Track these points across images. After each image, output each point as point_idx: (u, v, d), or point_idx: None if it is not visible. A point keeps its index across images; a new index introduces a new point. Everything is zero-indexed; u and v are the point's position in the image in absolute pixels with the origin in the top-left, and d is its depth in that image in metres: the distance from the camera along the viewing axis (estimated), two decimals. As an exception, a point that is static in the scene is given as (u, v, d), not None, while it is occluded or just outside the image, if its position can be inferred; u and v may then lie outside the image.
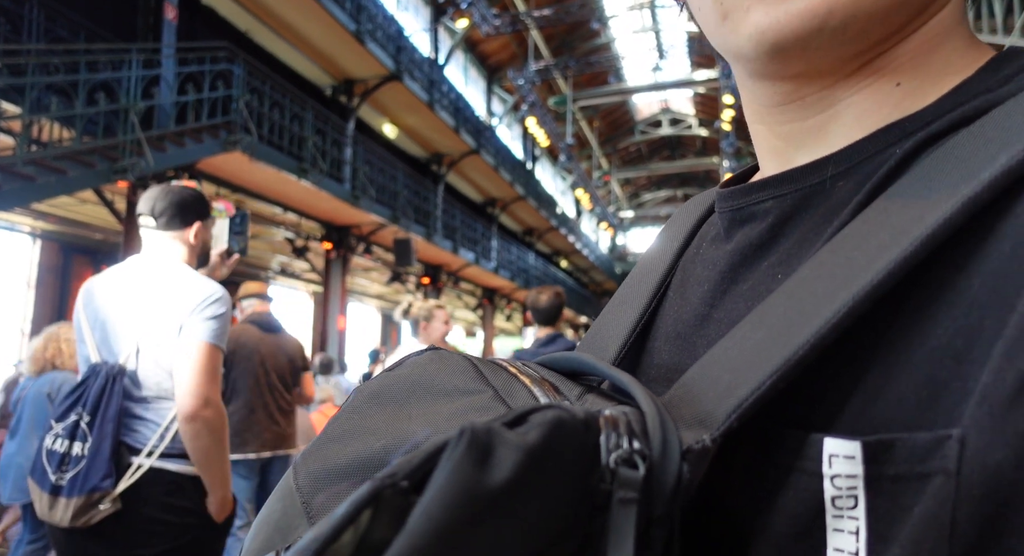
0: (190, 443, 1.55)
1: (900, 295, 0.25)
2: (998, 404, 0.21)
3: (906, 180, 0.27)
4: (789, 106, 0.33)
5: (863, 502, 0.24)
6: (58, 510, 1.48)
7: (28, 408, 3.25)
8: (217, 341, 1.58)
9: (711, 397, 0.27)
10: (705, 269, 0.37)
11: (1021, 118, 0.25)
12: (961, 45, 0.31)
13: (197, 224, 1.75)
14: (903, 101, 0.31)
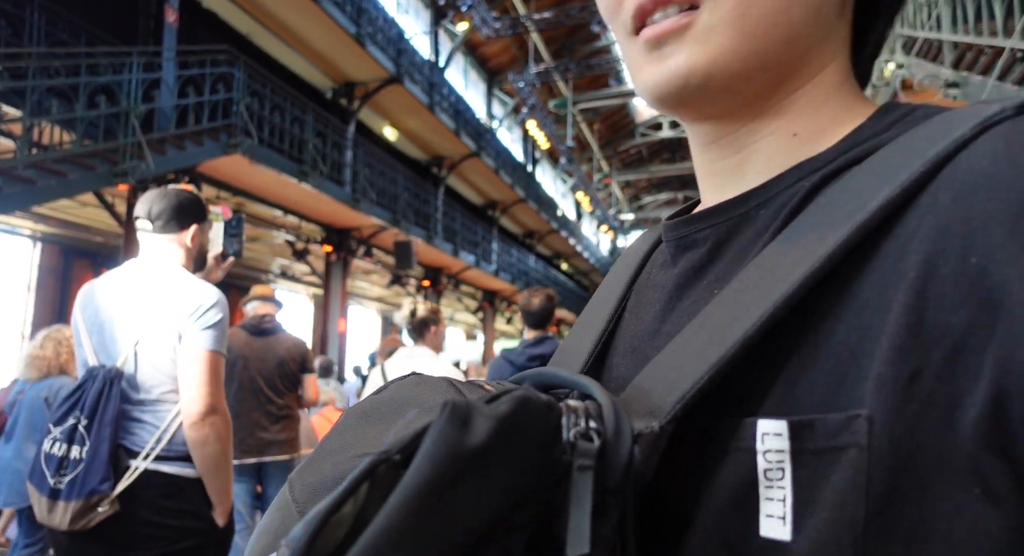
0: (197, 450, 1.56)
1: (810, 301, 0.30)
2: (897, 389, 0.26)
3: (813, 208, 0.33)
4: (711, 146, 0.41)
5: (789, 472, 0.28)
6: (57, 514, 1.47)
7: (25, 412, 3.24)
8: (218, 347, 1.59)
9: (659, 393, 0.31)
10: (655, 292, 0.43)
11: (898, 157, 0.31)
12: (846, 102, 0.38)
13: (194, 227, 1.75)
14: (802, 147, 0.37)
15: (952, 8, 4.24)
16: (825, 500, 0.27)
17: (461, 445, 0.24)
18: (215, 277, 1.92)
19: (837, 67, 0.38)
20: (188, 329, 1.58)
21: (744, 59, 0.35)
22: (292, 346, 3.53)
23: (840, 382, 0.28)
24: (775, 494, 0.28)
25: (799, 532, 0.27)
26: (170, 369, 1.59)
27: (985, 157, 0.27)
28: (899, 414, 0.26)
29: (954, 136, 0.29)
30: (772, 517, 0.28)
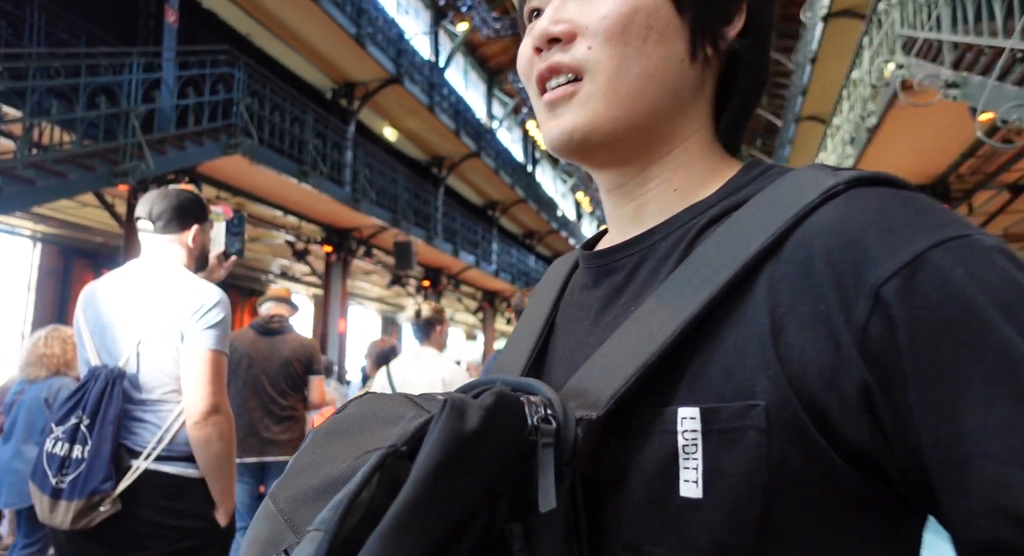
0: (200, 449, 1.56)
1: (709, 317, 0.40)
2: (783, 386, 0.36)
3: (705, 245, 0.42)
4: (613, 194, 0.52)
5: (701, 447, 0.38)
6: (59, 513, 1.47)
7: (24, 412, 3.23)
8: (220, 347, 1.60)
9: (594, 391, 0.41)
10: (582, 310, 0.52)
11: (765, 211, 0.41)
12: (712, 164, 0.49)
13: (195, 227, 1.75)
14: (683, 198, 0.48)
15: (952, 8, 4.24)
16: (732, 468, 0.36)
17: (461, 430, 0.32)
18: (217, 276, 1.91)
19: (702, 136, 0.49)
20: (190, 329, 1.58)
21: (614, 122, 0.46)
22: (298, 347, 3.50)
23: (731, 376, 0.38)
24: (690, 464, 0.38)
25: (709, 493, 0.37)
26: (172, 369, 1.59)
27: (827, 219, 0.38)
28: (787, 405, 0.36)
29: (806, 201, 0.39)
30: (688, 482, 0.38)
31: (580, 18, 0.46)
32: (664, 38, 0.45)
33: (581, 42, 0.46)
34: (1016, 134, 4.85)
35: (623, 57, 0.45)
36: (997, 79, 3.70)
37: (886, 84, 5.31)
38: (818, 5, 9.62)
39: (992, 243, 0.35)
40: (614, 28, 0.44)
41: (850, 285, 0.35)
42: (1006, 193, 6.92)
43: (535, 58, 0.48)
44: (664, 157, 0.48)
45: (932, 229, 0.35)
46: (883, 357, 0.34)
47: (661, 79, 0.45)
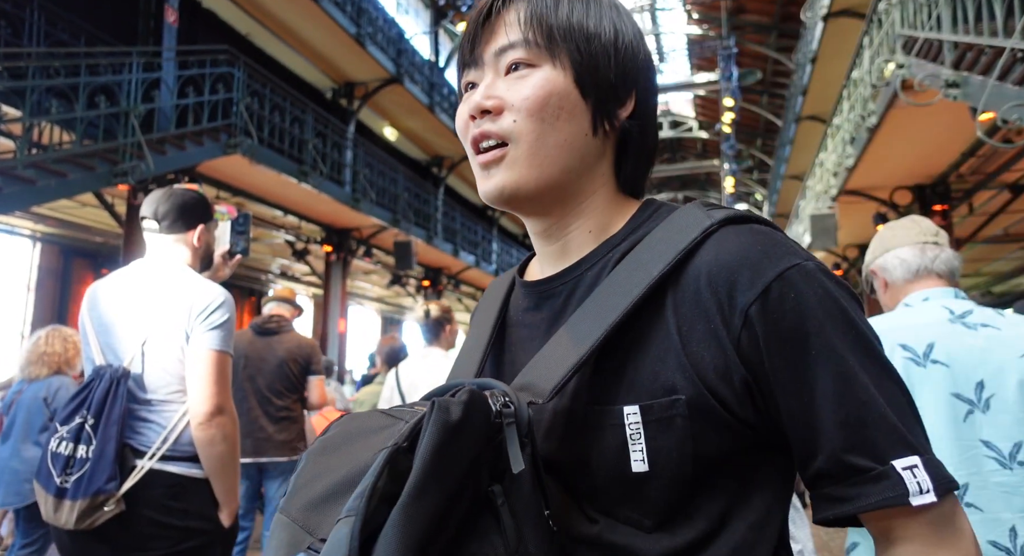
0: (205, 450, 1.56)
1: (631, 329, 0.54)
2: (696, 382, 0.51)
3: (617, 272, 0.57)
4: (540, 236, 0.65)
5: (643, 434, 0.52)
6: (63, 512, 1.47)
7: (23, 412, 3.22)
8: (224, 347, 1.60)
9: (539, 384, 0.54)
10: (528, 329, 0.64)
11: (661, 245, 0.55)
12: (617, 208, 0.63)
13: (200, 227, 1.76)
14: (597, 238, 0.62)
15: (952, 8, 4.23)
16: (667, 446, 0.51)
17: (449, 421, 0.43)
18: (222, 275, 1.92)
19: (607, 189, 0.63)
20: (195, 329, 1.58)
21: (536, 181, 0.58)
22: (295, 347, 3.46)
23: (657, 378, 0.52)
24: (637, 447, 0.52)
25: (653, 466, 0.51)
26: (177, 369, 1.59)
27: (707, 257, 0.53)
28: (699, 396, 0.51)
29: (690, 238, 0.54)
30: (636, 460, 0.52)
31: (507, 96, 0.58)
32: (572, 117, 0.58)
33: (507, 115, 0.58)
34: (1016, 134, 4.85)
35: (541, 130, 0.57)
36: (997, 79, 3.70)
37: (886, 84, 5.31)
38: (818, 5, 9.61)
39: (813, 267, 0.52)
40: (533, 107, 0.57)
41: (727, 308, 0.51)
42: (1006, 193, 6.92)
43: (470, 123, 0.60)
44: (578, 207, 0.62)
45: (776, 261, 0.51)
46: (752, 360, 0.51)
47: (570, 148, 0.59)
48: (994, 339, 1.27)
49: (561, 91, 0.58)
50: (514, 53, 0.59)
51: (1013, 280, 12.88)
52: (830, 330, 0.50)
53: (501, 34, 0.60)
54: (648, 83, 0.63)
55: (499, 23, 0.60)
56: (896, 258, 1.46)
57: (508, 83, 0.59)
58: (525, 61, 0.59)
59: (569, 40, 0.58)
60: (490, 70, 0.60)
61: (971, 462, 1.21)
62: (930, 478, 0.48)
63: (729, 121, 15.00)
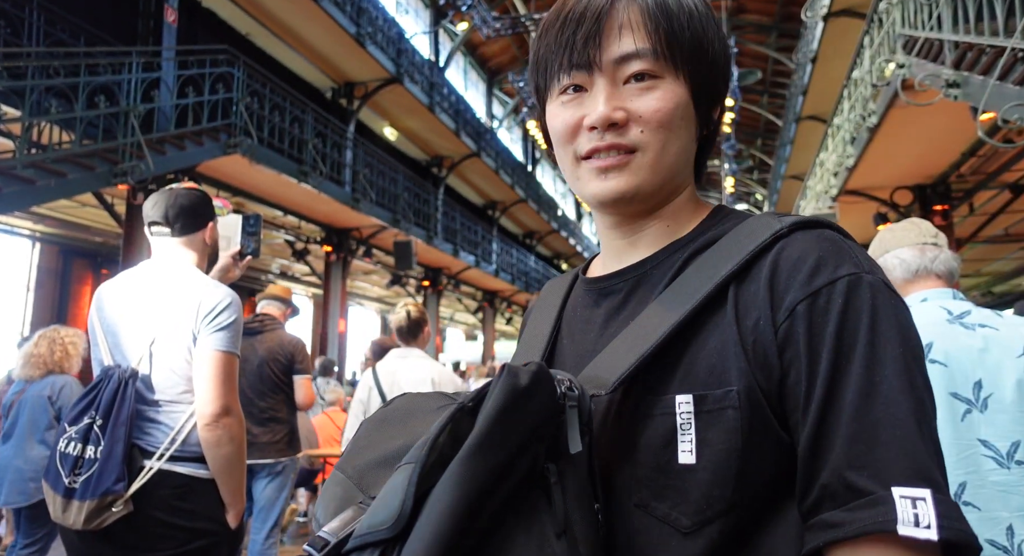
0: (211, 450, 1.56)
1: (694, 323, 0.55)
2: (748, 375, 0.51)
3: (688, 272, 0.58)
4: (614, 231, 0.66)
5: (693, 425, 0.52)
6: (71, 513, 1.47)
7: (26, 411, 3.22)
8: (231, 348, 1.60)
9: (603, 376, 0.55)
10: (587, 324, 0.66)
11: (732, 248, 0.57)
12: (694, 206, 0.66)
13: (210, 225, 1.77)
14: (672, 234, 0.64)
15: (953, 8, 4.23)
16: (716, 439, 0.51)
17: (517, 385, 0.46)
18: (233, 275, 1.92)
19: (689, 185, 0.66)
20: (202, 330, 1.58)
21: (653, 186, 0.60)
22: (276, 346, 3.36)
23: (713, 370, 0.53)
24: (686, 438, 0.52)
25: (700, 459, 0.51)
26: (184, 370, 1.59)
27: (771, 258, 0.54)
28: (751, 389, 0.51)
29: (759, 241, 0.55)
30: (684, 452, 0.52)
31: (635, 108, 0.59)
32: (688, 125, 0.61)
33: (634, 127, 0.59)
34: (1017, 134, 4.85)
35: (666, 140, 0.59)
36: (998, 79, 3.70)
37: (887, 83, 5.31)
38: (819, 4, 9.61)
39: (872, 280, 0.52)
40: (664, 120, 0.58)
41: (777, 303, 0.52)
42: (1007, 193, 6.92)
43: (585, 132, 0.60)
44: (668, 204, 0.64)
45: (835, 267, 0.52)
46: (788, 356, 0.51)
47: (684, 153, 0.62)
48: (992, 339, 1.29)
49: (684, 104, 0.59)
50: (640, 63, 0.58)
51: (1013, 280, 12.88)
52: (869, 344, 0.49)
53: (626, 40, 0.58)
54: (729, 81, 0.66)
55: (617, 26, 0.59)
56: (896, 258, 1.49)
57: (631, 93, 0.59)
58: (650, 72, 0.58)
59: (692, 58, 0.59)
60: (607, 77, 0.59)
61: (969, 461, 1.23)
62: (937, 515, 0.43)
63: (729, 121, 14.98)
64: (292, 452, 3.40)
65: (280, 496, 3.34)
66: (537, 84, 0.65)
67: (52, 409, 3.21)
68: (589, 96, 0.60)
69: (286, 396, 3.39)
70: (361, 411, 2.86)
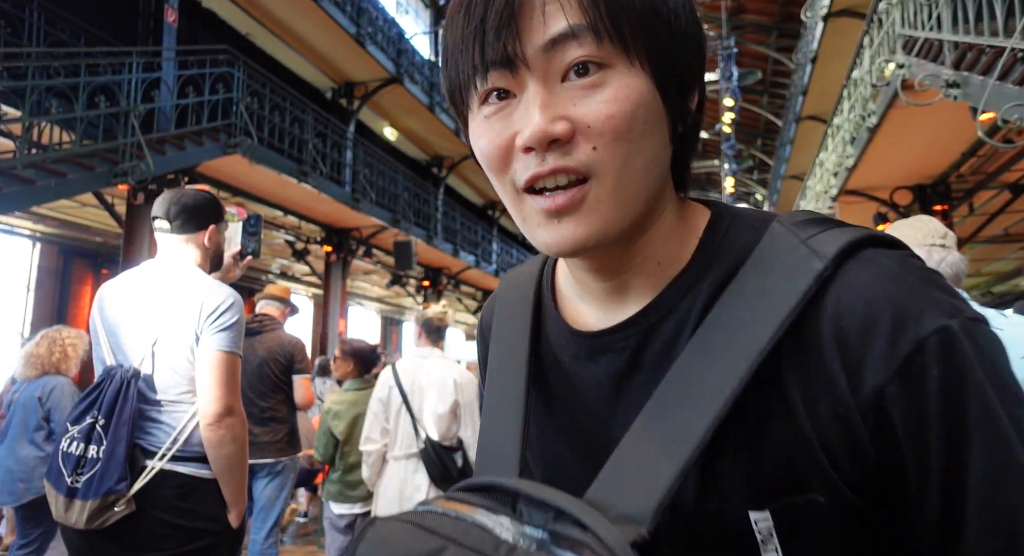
0: (214, 451, 1.56)
1: (739, 404, 0.42)
2: (831, 475, 0.41)
3: (713, 333, 0.44)
4: (589, 274, 0.51)
5: (775, 537, 0.43)
6: (73, 512, 1.48)
7: (19, 411, 3.21)
8: (233, 348, 1.61)
9: (634, 496, 0.41)
10: (584, 385, 0.52)
11: (762, 295, 0.44)
12: (681, 220, 0.51)
13: (211, 227, 1.76)
14: (666, 269, 0.50)
15: (953, 8, 4.23)
16: (804, 547, 0.43)
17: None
18: (233, 275, 1.92)
19: (671, 199, 0.51)
20: (204, 330, 1.59)
21: (623, 222, 0.45)
22: (276, 347, 3.39)
23: (786, 473, 0.42)
24: (769, 548, 0.43)
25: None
26: (187, 370, 1.60)
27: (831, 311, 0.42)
28: (835, 490, 0.42)
29: (801, 290, 0.42)
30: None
31: (581, 116, 0.43)
32: (656, 128, 0.45)
33: (583, 142, 0.43)
34: (1017, 134, 4.85)
35: (627, 155, 0.44)
36: (998, 79, 3.70)
37: (887, 84, 5.31)
38: (818, 5, 9.61)
39: (960, 327, 0.40)
40: (621, 127, 0.43)
41: (859, 386, 0.41)
42: (1007, 193, 6.92)
43: (520, 154, 0.44)
44: (647, 232, 0.49)
45: (915, 323, 0.40)
46: (888, 448, 0.41)
47: (654, 167, 0.46)
48: None
49: (646, 100, 0.44)
50: (578, 48, 0.42)
51: (1013, 280, 12.88)
52: (985, 417, 0.39)
53: (554, 18, 0.42)
54: (705, 61, 0.50)
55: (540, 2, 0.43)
56: None
57: (573, 94, 0.43)
58: (594, 59, 0.43)
59: (650, 33, 0.44)
60: (537, 74, 0.43)
61: None
62: None
63: (729, 121, 14.99)
64: (292, 451, 3.42)
65: (280, 496, 3.35)
66: (452, 96, 0.48)
67: (42, 410, 3.20)
68: (519, 103, 0.44)
69: (286, 396, 3.42)
70: (381, 409, 2.87)
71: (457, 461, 2.75)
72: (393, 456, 2.84)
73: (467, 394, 2.81)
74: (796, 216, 0.48)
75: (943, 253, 1.45)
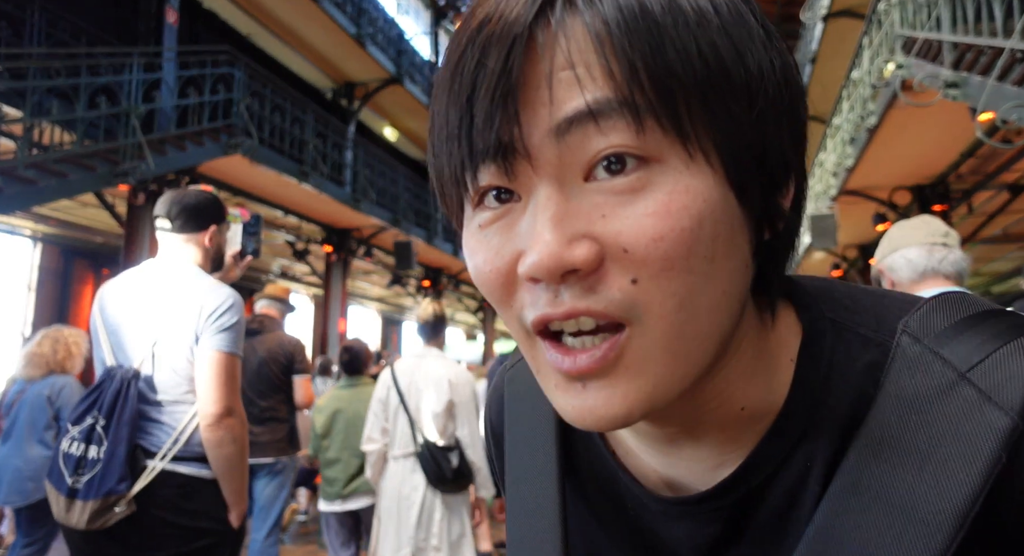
0: (214, 451, 1.57)
1: None
2: None
3: (847, 507, 0.33)
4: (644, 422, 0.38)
5: None
6: (75, 513, 1.48)
7: (26, 411, 3.22)
8: (233, 349, 1.61)
9: None
10: (653, 538, 0.41)
11: (919, 466, 0.31)
12: (765, 355, 0.37)
13: (212, 228, 1.77)
14: (754, 416, 0.37)
15: (952, 8, 4.24)
16: None
17: None
18: (233, 275, 1.93)
19: (751, 321, 0.37)
20: (205, 331, 1.59)
21: (681, 382, 0.32)
22: (276, 347, 3.42)
23: None
24: None
25: None
26: (187, 370, 1.60)
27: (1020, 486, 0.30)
28: None
29: (984, 460, 0.30)
30: None
31: (611, 236, 0.30)
32: (728, 247, 0.31)
33: (616, 273, 0.30)
34: (1016, 134, 4.85)
35: (688, 290, 0.30)
36: (997, 79, 3.71)
37: (886, 84, 5.32)
38: (818, 5, 9.62)
39: None
40: (676, 253, 0.30)
41: None
42: (1005, 193, 6.92)
43: (525, 284, 0.32)
44: (719, 373, 0.36)
45: None
46: None
47: (729, 301, 0.32)
48: None
49: (716, 208, 0.31)
50: (604, 136, 0.30)
51: (1012, 280, 12.88)
52: None
53: (566, 89, 0.30)
54: (805, 140, 0.37)
55: (548, 64, 0.30)
56: (903, 258, 1.47)
57: (601, 201, 0.30)
58: (632, 151, 0.30)
59: (716, 104, 0.31)
60: (546, 170, 0.31)
61: None
62: None
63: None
64: (292, 451, 3.45)
65: (280, 495, 3.37)
66: (441, 192, 0.38)
67: (51, 409, 3.21)
68: (524, 209, 0.32)
69: (286, 395, 3.46)
70: (381, 409, 2.89)
71: (453, 461, 2.76)
72: (393, 456, 2.85)
73: (462, 393, 2.83)
74: (930, 318, 0.35)
75: (944, 251, 1.44)
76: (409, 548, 2.73)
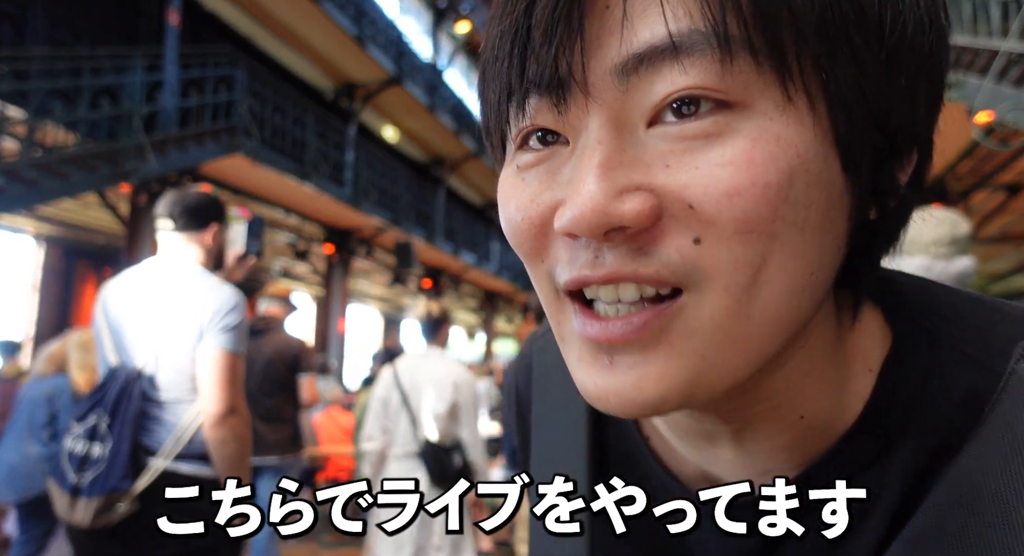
0: (217, 450, 1.59)
1: None
2: None
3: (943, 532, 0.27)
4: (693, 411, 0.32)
5: None
6: (78, 510, 1.50)
7: (26, 409, 3.24)
8: (237, 348, 1.63)
9: None
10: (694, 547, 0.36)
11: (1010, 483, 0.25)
12: (839, 358, 0.31)
13: (214, 226, 1.79)
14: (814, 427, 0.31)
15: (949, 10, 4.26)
16: None
17: None
18: (236, 276, 1.95)
19: (828, 323, 0.31)
20: (208, 331, 1.61)
21: (733, 374, 0.26)
22: (282, 347, 3.47)
23: None
24: None
25: None
26: (190, 370, 1.62)
27: None
28: None
29: None
30: None
31: (674, 187, 0.25)
32: (826, 218, 0.26)
33: (676, 231, 0.25)
34: (1013, 135, 4.87)
35: (766, 262, 0.25)
36: (994, 80, 3.72)
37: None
38: (818, 6, 9.62)
39: None
40: (758, 212, 0.24)
41: None
42: (1002, 193, 6.94)
43: (560, 239, 0.28)
44: (782, 367, 0.30)
45: None
46: None
47: (815, 285, 0.27)
48: None
49: (811, 166, 0.25)
50: (688, 72, 0.25)
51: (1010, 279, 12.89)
52: None
53: (644, 19, 0.25)
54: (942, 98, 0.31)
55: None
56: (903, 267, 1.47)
57: (666, 148, 0.26)
58: (712, 92, 0.25)
59: (835, 38, 0.25)
60: (603, 111, 0.26)
61: None
62: None
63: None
64: (296, 450, 3.49)
65: (283, 494, 3.40)
66: (485, 129, 0.32)
67: (50, 408, 3.23)
68: (570, 154, 0.28)
69: (291, 395, 3.51)
70: (381, 408, 2.91)
71: (455, 461, 2.78)
72: (393, 454, 2.87)
73: (465, 395, 2.85)
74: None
75: (944, 264, 1.42)
76: (410, 547, 2.75)
